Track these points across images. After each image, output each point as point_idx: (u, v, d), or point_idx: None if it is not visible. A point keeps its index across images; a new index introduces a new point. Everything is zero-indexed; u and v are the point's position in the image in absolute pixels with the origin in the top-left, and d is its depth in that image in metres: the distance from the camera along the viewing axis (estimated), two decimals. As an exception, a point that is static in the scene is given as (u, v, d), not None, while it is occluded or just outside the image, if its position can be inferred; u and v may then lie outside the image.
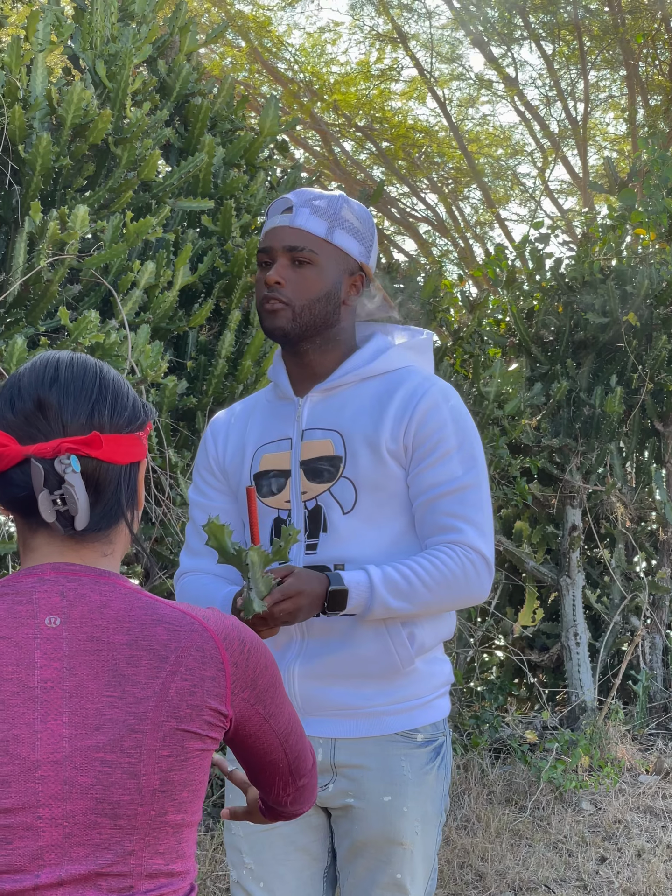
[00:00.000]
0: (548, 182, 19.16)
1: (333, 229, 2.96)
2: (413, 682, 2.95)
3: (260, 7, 18.72)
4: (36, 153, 5.20)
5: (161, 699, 1.85)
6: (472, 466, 2.94)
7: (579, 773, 6.45)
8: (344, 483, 2.93)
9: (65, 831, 1.83)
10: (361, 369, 3.00)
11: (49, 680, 1.84)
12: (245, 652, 1.93)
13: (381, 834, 2.92)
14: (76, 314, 5.27)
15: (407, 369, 3.02)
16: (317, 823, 3.02)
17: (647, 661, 7.52)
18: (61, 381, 1.92)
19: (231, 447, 3.10)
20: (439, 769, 2.99)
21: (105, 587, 1.90)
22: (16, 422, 1.90)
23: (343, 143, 19.64)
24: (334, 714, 2.94)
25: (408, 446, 2.92)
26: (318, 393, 3.01)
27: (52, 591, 1.88)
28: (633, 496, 7.59)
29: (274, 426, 3.04)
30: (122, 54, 5.59)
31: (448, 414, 2.94)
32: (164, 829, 1.87)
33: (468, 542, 2.88)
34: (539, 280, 7.66)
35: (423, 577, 2.85)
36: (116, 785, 1.83)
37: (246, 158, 6.48)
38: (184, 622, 1.90)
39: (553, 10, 16.91)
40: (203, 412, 5.72)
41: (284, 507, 2.97)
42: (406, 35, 18.48)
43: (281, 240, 2.95)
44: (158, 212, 5.64)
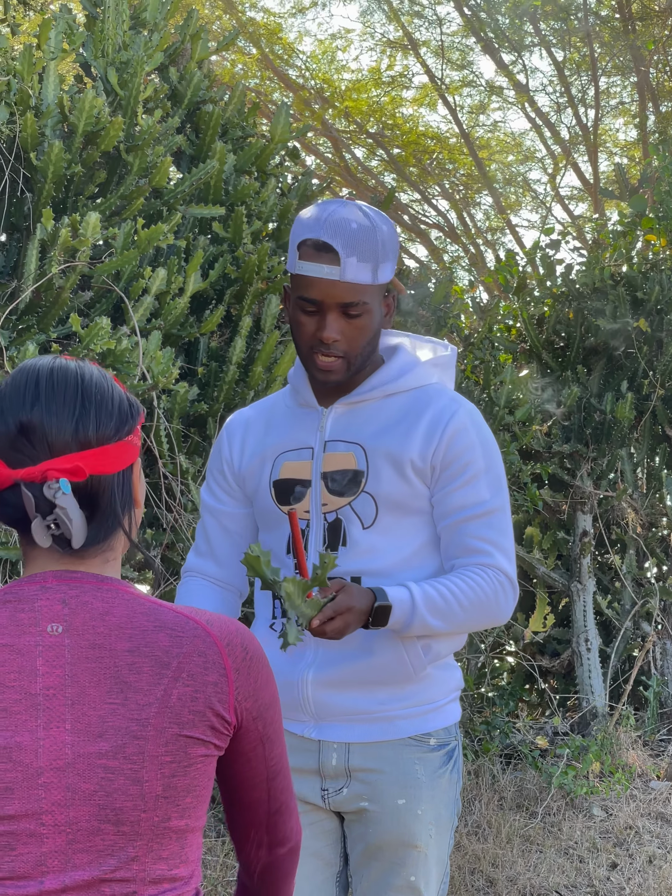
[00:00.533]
0: (558, 188, 19.16)
1: (377, 270, 2.92)
2: (426, 687, 2.97)
3: (271, 14, 18.76)
4: (48, 160, 5.22)
5: (163, 705, 1.85)
6: (498, 490, 2.97)
7: (590, 779, 6.44)
8: (365, 498, 2.94)
9: (68, 838, 1.83)
10: (388, 385, 3.00)
11: (51, 687, 1.85)
12: (248, 660, 1.93)
13: (396, 837, 2.94)
14: (87, 321, 5.29)
15: (433, 387, 3.02)
16: (329, 828, 3.04)
17: (658, 667, 7.51)
18: (42, 401, 1.89)
19: (249, 451, 3.10)
20: (452, 773, 3.01)
21: (107, 594, 1.90)
22: (1, 446, 1.89)
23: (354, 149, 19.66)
24: (348, 719, 2.95)
25: (435, 467, 2.93)
26: (343, 405, 3.00)
27: (55, 598, 1.89)
28: (643, 502, 7.59)
29: (295, 434, 3.03)
30: (133, 62, 5.61)
31: (476, 437, 2.96)
32: (168, 834, 1.87)
33: (497, 565, 2.92)
34: (550, 286, 7.66)
35: (459, 598, 2.88)
36: (119, 791, 1.83)
37: (257, 165, 6.50)
38: (186, 627, 1.89)
39: (564, 17, 16.92)
40: (214, 418, 5.73)
41: (303, 517, 2.97)
42: (417, 42, 18.49)
43: (333, 296, 2.88)
44: (169, 219, 5.65)
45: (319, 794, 2.99)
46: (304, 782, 2.99)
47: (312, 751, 2.98)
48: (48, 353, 4.92)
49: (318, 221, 2.90)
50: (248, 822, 2.05)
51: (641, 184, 8.45)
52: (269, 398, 3.20)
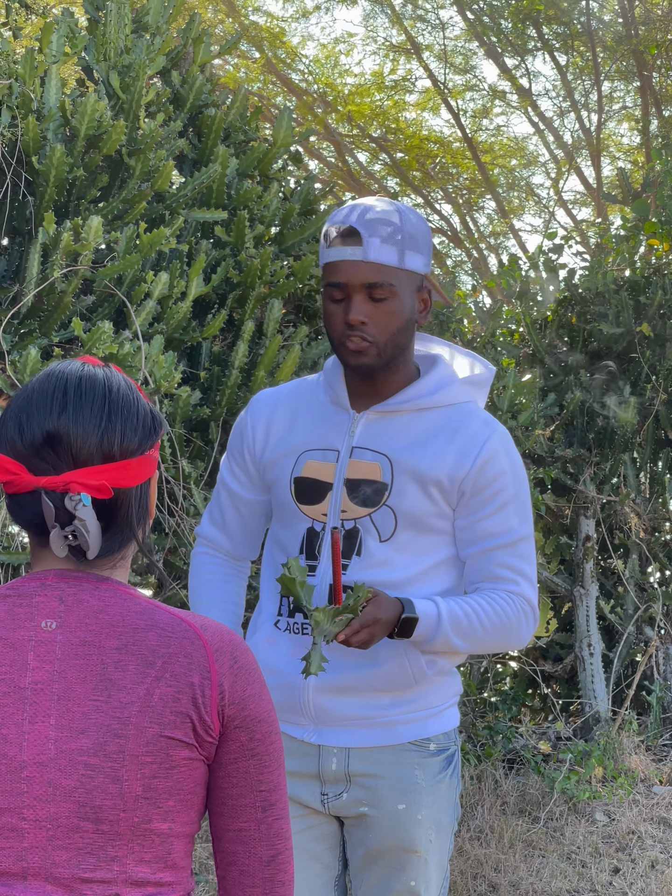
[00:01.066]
0: (561, 193, 19.17)
1: (404, 253, 2.90)
2: (427, 692, 2.98)
3: (274, 18, 18.77)
4: (50, 164, 5.21)
5: (145, 705, 1.85)
6: (526, 518, 2.98)
7: (593, 783, 6.43)
8: (385, 511, 2.93)
9: (48, 833, 1.83)
10: (422, 399, 2.98)
11: (39, 682, 1.86)
12: (235, 668, 1.91)
13: (396, 842, 2.94)
14: (90, 325, 5.28)
15: (467, 406, 3.01)
16: (328, 832, 3.03)
17: (661, 672, 7.50)
18: (70, 410, 1.90)
19: (273, 440, 3.08)
20: (451, 778, 3.01)
21: (105, 592, 1.91)
22: (25, 452, 1.90)
23: (357, 153, 19.66)
24: (348, 724, 2.95)
25: (465, 491, 2.93)
26: (376, 413, 2.99)
27: (52, 595, 1.90)
28: (646, 506, 7.58)
29: (323, 433, 3.02)
30: (135, 65, 5.61)
31: (507, 464, 2.96)
32: (150, 837, 1.86)
33: (523, 593, 2.94)
34: (553, 290, 7.66)
35: (482, 619, 2.89)
36: (99, 789, 1.83)
37: (259, 169, 6.49)
38: (178, 628, 1.89)
39: (566, 22, 16.92)
40: (216, 423, 5.72)
41: (320, 520, 2.97)
42: (420, 46, 18.50)
43: (356, 276, 2.88)
44: (172, 223, 5.65)
45: (319, 798, 2.99)
46: (304, 786, 2.98)
47: (312, 755, 2.98)
48: (50, 358, 4.93)
49: (346, 213, 2.92)
50: (241, 874, 1.95)
51: (644, 188, 8.44)
52: (300, 384, 3.16)
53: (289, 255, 6.45)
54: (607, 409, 7.16)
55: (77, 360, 1.99)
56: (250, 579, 4.91)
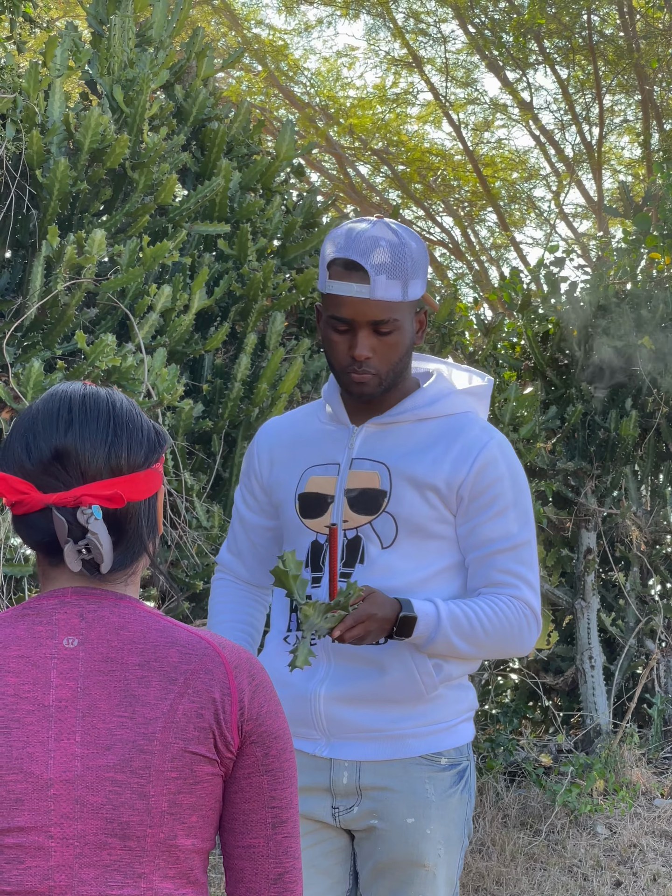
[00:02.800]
0: (563, 206, 19.20)
1: (407, 287, 2.94)
2: (438, 706, 2.98)
3: (276, 31, 18.82)
4: (53, 178, 5.23)
5: (169, 720, 1.85)
6: (526, 522, 2.99)
7: (594, 796, 6.43)
8: (386, 518, 2.96)
9: (75, 851, 1.83)
10: (421, 409, 3.02)
11: (64, 699, 1.86)
12: (254, 686, 1.92)
13: (404, 856, 2.94)
14: (93, 338, 5.30)
15: (466, 416, 3.05)
16: (338, 846, 3.04)
17: (662, 685, 7.50)
18: (76, 427, 1.92)
19: (277, 463, 3.13)
20: (462, 793, 3.01)
21: (125, 610, 1.92)
22: (34, 470, 1.91)
23: (359, 166, 19.70)
24: (359, 737, 2.96)
25: (463, 497, 2.95)
26: (375, 425, 3.03)
27: (72, 612, 1.90)
28: (647, 519, 7.58)
29: (325, 450, 3.06)
30: (139, 79, 5.63)
31: (505, 469, 2.99)
32: (175, 853, 1.86)
33: (524, 598, 2.95)
34: (554, 304, 7.67)
35: (483, 622, 2.91)
36: (126, 805, 1.84)
37: (262, 182, 6.51)
38: (198, 646, 1.90)
39: (568, 36, 16.96)
40: (219, 435, 5.73)
41: (323, 532, 3.00)
42: (421, 59, 18.54)
43: (363, 314, 2.92)
44: (175, 236, 5.66)
45: (330, 811, 2.99)
46: (315, 800, 2.99)
47: (323, 769, 2.98)
48: (53, 371, 4.94)
49: (348, 240, 2.93)
50: (248, 892, 1.96)
51: (645, 202, 8.46)
52: (303, 409, 3.23)
53: (291, 268, 6.46)
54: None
55: (77, 382, 2.01)
56: None
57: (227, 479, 5.78)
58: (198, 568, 5.40)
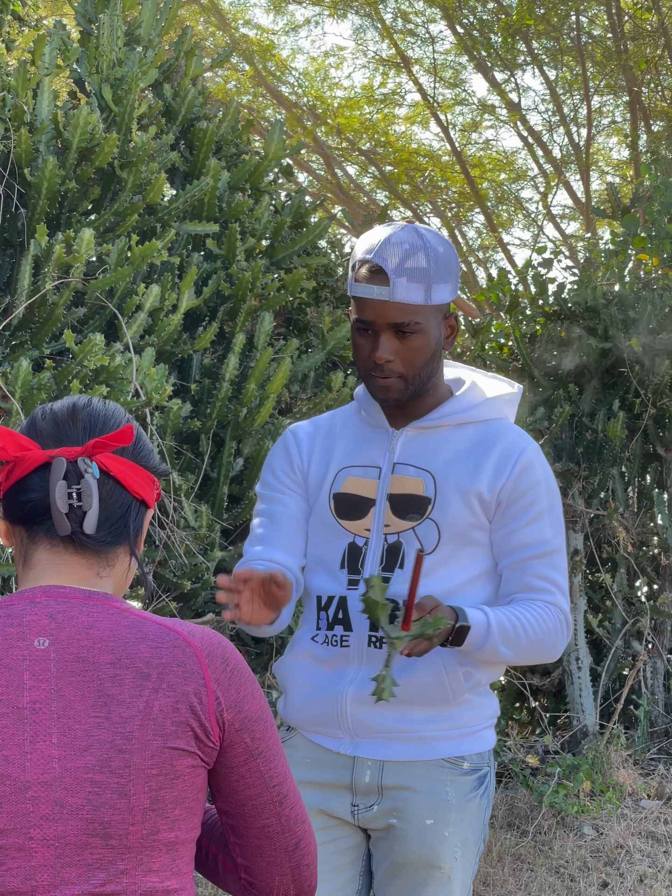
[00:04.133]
0: (550, 207, 19.21)
1: (430, 290, 2.94)
2: (464, 711, 3.00)
3: (264, 31, 18.81)
4: (42, 176, 5.22)
5: (146, 718, 1.86)
6: (559, 530, 3.02)
7: (581, 797, 6.44)
8: (429, 525, 2.97)
9: (56, 852, 1.84)
10: (459, 415, 3.03)
11: (38, 701, 1.86)
12: (228, 671, 1.93)
13: (421, 857, 2.95)
14: (81, 337, 5.29)
15: (502, 422, 3.07)
16: (353, 844, 3.05)
17: (649, 686, 7.51)
18: (93, 407, 1.98)
19: (316, 459, 3.11)
20: (482, 798, 3.02)
21: (93, 608, 1.92)
22: (44, 427, 1.96)
23: (346, 166, 19.70)
24: (384, 736, 2.97)
25: (501, 502, 2.97)
26: (414, 430, 3.03)
27: (42, 613, 1.90)
28: (635, 521, 7.59)
29: (362, 451, 3.06)
30: (128, 78, 5.62)
31: (542, 475, 3.01)
32: (158, 847, 1.87)
33: (558, 604, 2.97)
34: (542, 305, 7.68)
35: (527, 629, 2.92)
36: (107, 805, 1.84)
37: (251, 182, 6.51)
38: (167, 638, 1.91)
39: (556, 37, 16.98)
40: (207, 435, 5.73)
41: (362, 535, 3.00)
42: (409, 60, 18.55)
43: (383, 316, 2.93)
44: (163, 235, 5.66)
45: (349, 809, 3.00)
46: (335, 797, 3.00)
47: (346, 767, 2.99)
48: (42, 370, 4.93)
49: (372, 244, 2.95)
50: (270, 865, 2.01)
51: (633, 203, 8.46)
52: (334, 413, 3.21)
53: (280, 268, 6.46)
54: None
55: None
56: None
57: (214, 479, 5.78)
58: (185, 568, 5.39)
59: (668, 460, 7.64)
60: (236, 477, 5.92)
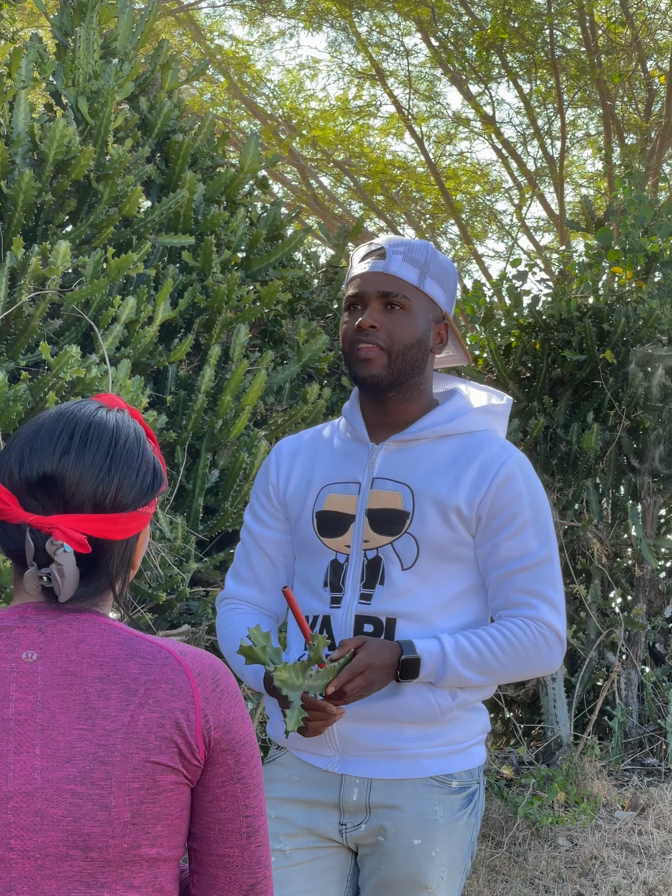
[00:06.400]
0: (525, 219, 19.27)
1: (424, 277, 2.97)
2: (453, 728, 2.97)
3: (239, 42, 18.83)
4: (18, 189, 5.22)
5: (129, 731, 1.86)
6: (546, 540, 2.97)
7: (555, 808, 6.45)
8: (407, 539, 2.94)
9: (37, 863, 1.84)
10: (440, 427, 3.01)
11: (23, 713, 1.86)
12: (218, 692, 1.93)
13: (407, 876, 2.93)
14: (57, 349, 5.29)
15: (485, 434, 3.04)
16: (339, 862, 3.03)
17: (623, 697, 7.53)
18: (71, 455, 1.92)
19: (295, 478, 3.10)
20: (470, 816, 3.00)
21: (84, 623, 1.92)
22: (20, 485, 1.92)
23: (321, 177, 19.72)
24: (372, 754, 2.95)
25: (482, 516, 2.94)
26: (394, 443, 3.02)
27: (31, 626, 1.91)
28: (609, 532, 7.62)
29: (343, 467, 3.04)
30: (104, 91, 5.63)
31: (524, 486, 2.97)
32: (139, 862, 1.87)
33: (542, 617, 2.93)
34: (516, 317, 7.71)
35: (493, 649, 2.89)
36: (87, 817, 1.84)
37: (226, 195, 6.52)
38: (158, 656, 1.91)
39: (530, 50, 17.04)
40: (182, 447, 5.73)
41: (343, 552, 2.99)
42: (384, 72, 18.59)
43: (374, 285, 2.96)
44: (139, 248, 5.66)
45: (337, 828, 2.98)
46: (322, 816, 2.98)
47: (334, 785, 2.97)
48: (17, 382, 4.93)
49: (378, 239, 3.04)
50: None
51: (607, 216, 8.50)
52: (321, 428, 3.21)
53: (255, 281, 6.47)
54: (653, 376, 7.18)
55: (95, 399, 2.01)
56: None
57: (190, 490, 5.78)
58: (161, 580, 5.39)
59: (641, 472, 7.67)
60: (212, 488, 5.92)
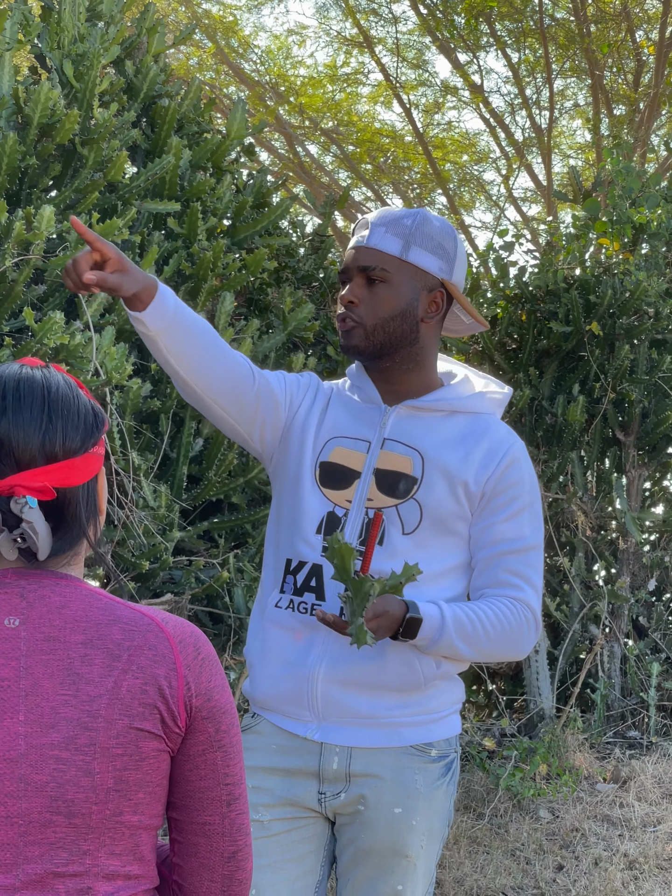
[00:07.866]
0: (512, 189, 19.22)
1: (409, 247, 2.98)
2: (432, 696, 2.99)
3: (227, 7, 18.71)
4: (2, 152, 5.17)
5: (113, 697, 1.86)
6: (538, 528, 3.04)
7: (537, 781, 6.46)
8: (412, 504, 2.97)
9: (20, 830, 1.83)
10: (453, 402, 3.05)
11: (6, 679, 1.86)
12: (199, 659, 1.94)
13: (388, 845, 2.95)
14: (41, 315, 5.25)
15: (492, 416, 3.10)
16: (316, 832, 3.03)
17: (606, 670, 7.54)
18: (9, 414, 1.91)
19: (313, 415, 3.09)
20: (449, 785, 3.03)
21: (66, 589, 1.92)
22: None
23: (308, 145, 19.64)
24: (353, 722, 2.96)
25: (485, 494, 2.99)
26: (407, 408, 3.05)
27: (13, 592, 1.90)
28: (593, 505, 7.61)
29: (353, 423, 3.06)
30: (89, 54, 5.57)
31: (526, 472, 3.03)
32: (121, 829, 1.87)
33: (526, 600, 2.97)
34: (503, 288, 7.67)
35: (486, 625, 2.93)
36: (71, 783, 1.84)
37: (213, 161, 6.47)
38: (140, 622, 1.91)
39: (519, 19, 16.96)
40: (167, 415, 5.70)
41: (343, 506, 3.00)
42: (372, 39, 18.49)
43: (356, 260, 3.00)
44: (124, 213, 5.62)
45: (316, 797, 2.99)
46: (301, 785, 2.98)
47: (314, 753, 2.97)
48: (1, 348, 4.89)
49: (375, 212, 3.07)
50: (201, 867, 1.99)
51: (595, 187, 8.46)
52: (330, 384, 3.22)
53: (241, 248, 6.43)
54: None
55: (15, 362, 2.00)
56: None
57: (174, 459, 5.75)
58: (144, 548, 5.36)
59: (626, 445, 7.66)
60: (196, 457, 5.89)
